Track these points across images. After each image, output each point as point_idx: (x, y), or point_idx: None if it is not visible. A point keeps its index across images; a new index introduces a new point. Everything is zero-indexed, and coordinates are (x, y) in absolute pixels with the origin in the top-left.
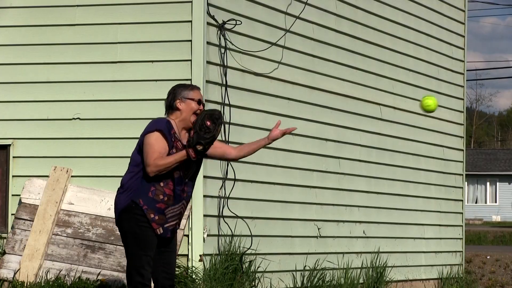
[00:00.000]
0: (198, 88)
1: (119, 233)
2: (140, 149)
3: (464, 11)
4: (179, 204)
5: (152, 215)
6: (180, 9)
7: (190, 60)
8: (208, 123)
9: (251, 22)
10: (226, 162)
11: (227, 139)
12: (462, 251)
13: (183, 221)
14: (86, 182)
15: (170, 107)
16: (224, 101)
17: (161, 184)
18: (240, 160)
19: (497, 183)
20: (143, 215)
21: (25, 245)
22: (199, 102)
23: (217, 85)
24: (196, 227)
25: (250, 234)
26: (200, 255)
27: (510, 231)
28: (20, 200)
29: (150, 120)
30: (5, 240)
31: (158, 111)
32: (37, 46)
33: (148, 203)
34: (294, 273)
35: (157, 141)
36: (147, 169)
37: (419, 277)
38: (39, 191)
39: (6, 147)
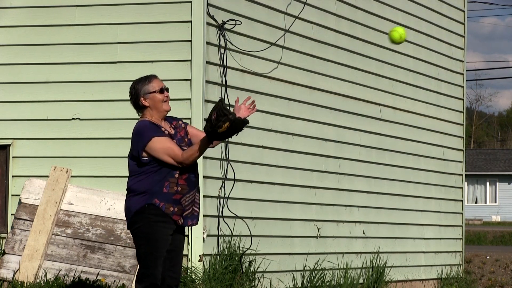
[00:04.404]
0: (155, 77)
1: (118, 233)
2: (134, 161)
3: (464, 11)
4: (192, 192)
5: (171, 209)
6: (180, 9)
7: (190, 60)
8: (213, 116)
9: (251, 22)
10: (225, 162)
11: (226, 139)
12: (461, 251)
13: None
14: (85, 182)
15: (138, 107)
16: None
17: (176, 175)
18: (240, 160)
19: (497, 183)
20: (157, 214)
21: (24, 245)
22: (162, 90)
23: (216, 85)
24: (196, 227)
25: (249, 234)
26: (200, 255)
27: (510, 231)
28: (19, 200)
29: (134, 130)
30: (4, 240)
31: None
32: (37, 46)
33: (165, 199)
34: (294, 273)
35: (163, 142)
36: (182, 165)
37: (419, 277)
38: (39, 191)
39: (6, 147)
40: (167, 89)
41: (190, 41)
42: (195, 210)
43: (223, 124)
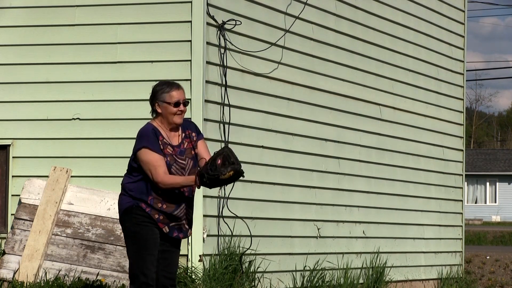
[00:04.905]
0: (178, 87)
1: (118, 233)
2: (132, 163)
3: (463, 11)
4: (181, 207)
5: (156, 216)
6: (180, 9)
7: (190, 60)
8: (219, 161)
9: (251, 22)
10: None
11: (226, 139)
12: (461, 251)
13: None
14: (85, 182)
15: (152, 109)
16: (224, 101)
17: (159, 192)
18: (240, 160)
19: (497, 183)
20: (144, 215)
21: (24, 245)
22: (177, 104)
23: (216, 85)
24: (196, 227)
25: (249, 234)
26: (200, 255)
27: (510, 231)
28: (19, 200)
29: (139, 131)
30: (4, 240)
31: None
32: (37, 46)
33: (150, 207)
34: (294, 273)
35: (150, 156)
36: (156, 185)
37: (419, 277)
38: (39, 191)
39: (6, 147)
40: (185, 103)
41: (190, 41)
42: (183, 225)
43: (228, 172)
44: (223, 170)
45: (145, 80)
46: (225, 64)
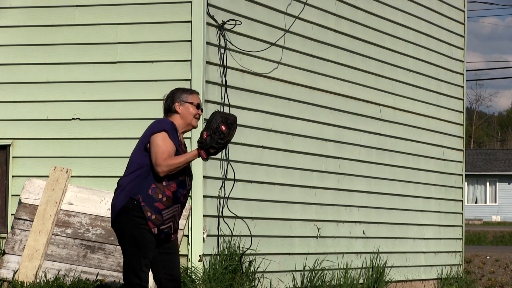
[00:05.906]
0: (197, 93)
1: None
2: (142, 151)
3: (464, 11)
4: (175, 206)
5: (149, 214)
6: (179, 9)
7: (190, 60)
8: (223, 127)
9: (251, 22)
10: (226, 162)
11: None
12: (461, 251)
13: (182, 221)
14: (85, 182)
15: (169, 110)
16: (224, 101)
17: (164, 183)
18: (240, 160)
19: (497, 183)
20: (140, 216)
21: (24, 245)
22: (198, 106)
23: (216, 85)
24: (196, 227)
25: (249, 234)
26: (200, 255)
27: (510, 231)
28: (19, 200)
29: (153, 120)
30: (4, 240)
31: (158, 111)
32: (37, 46)
33: (147, 200)
34: (294, 273)
35: (164, 141)
36: (157, 169)
37: (419, 277)
38: (39, 191)
39: (6, 147)
40: (201, 109)
41: (190, 41)
42: (172, 228)
43: (234, 132)
44: (231, 132)
45: (145, 80)
46: (225, 64)
